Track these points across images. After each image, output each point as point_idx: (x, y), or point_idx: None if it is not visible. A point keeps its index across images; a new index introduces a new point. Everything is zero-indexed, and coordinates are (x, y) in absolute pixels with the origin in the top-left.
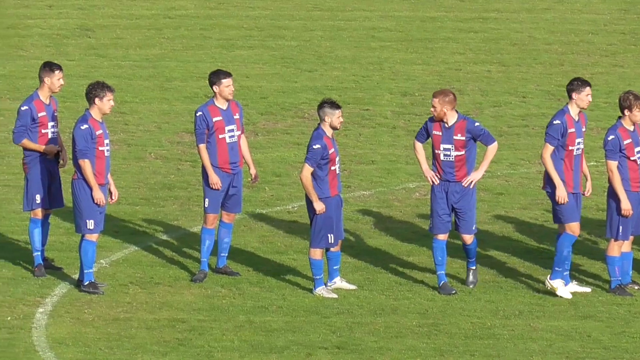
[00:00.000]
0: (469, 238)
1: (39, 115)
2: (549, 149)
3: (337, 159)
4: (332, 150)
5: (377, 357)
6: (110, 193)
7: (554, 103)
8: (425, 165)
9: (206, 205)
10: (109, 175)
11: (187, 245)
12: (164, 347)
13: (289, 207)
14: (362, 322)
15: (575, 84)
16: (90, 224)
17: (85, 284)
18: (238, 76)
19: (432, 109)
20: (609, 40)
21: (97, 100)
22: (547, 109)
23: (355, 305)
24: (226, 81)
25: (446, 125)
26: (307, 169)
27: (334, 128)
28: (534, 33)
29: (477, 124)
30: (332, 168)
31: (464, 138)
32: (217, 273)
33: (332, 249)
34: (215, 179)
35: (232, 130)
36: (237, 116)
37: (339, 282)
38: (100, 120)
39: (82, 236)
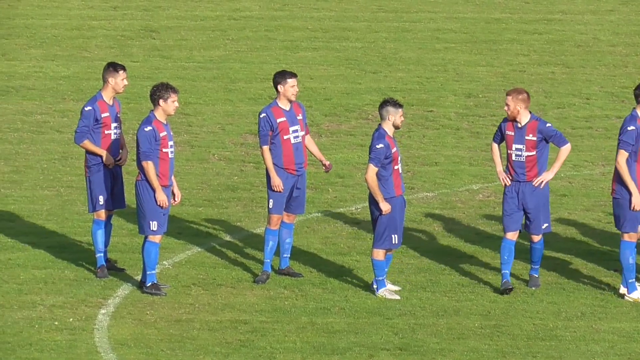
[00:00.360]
0: (536, 237)
1: (102, 116)
2: (624, 155)
3: (399, 158)
4: (395, 149)
5: (439, 358)
6: (174, 194)
7: (617, 105)
8: (499, 167)
9: (270, 206)
10: (172, 177)
11: (250, 247)
12: (226, 349)
13: (352, 208)
14: (425, 323)
15: None
16: (154, 225)
17: (148, 285)
18: (302, 77)
19: (505, 107)
20: None
21: (161, 101)
22: (610, 110)
23: (417, 307)
24: (292, 81)
25: (519, 125)
26: (372, 169)
27: (396, 127)
28: (598, 35)
29: (548, 124)
30: (395, 167)
31: (535, 138)
32: (280, 274)
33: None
34: (277, 181)
35: (297, 131)
36: (300, 117)
37: None
38: (165, 122)
39: (145, 237)
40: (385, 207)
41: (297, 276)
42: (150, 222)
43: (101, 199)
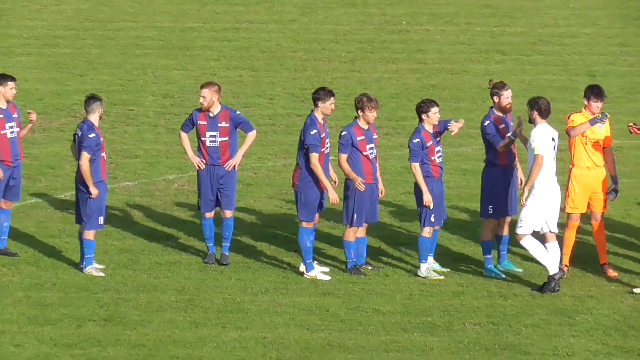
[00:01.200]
0: (229, 212)
1: None
2: (315, 156)
3: (105, 146)
4: (102, 139)
5: (139, 328)
6: None
7: (298, 104)
8: (190, 152)
9: None
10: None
11: None
12: None
13: (62, 195)
14: (127, 297)
15: (322, 94)
16: None
17: None
18: (18, 80)
19: (201, 99)
20: (348, 48)
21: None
22: (292, 109)
23: (120, 283)
24: (11, 84)
25: (211, 114)
26: (85, 157)
27: (100, 117)
28: (281, 42)
29: (238, 112)
30: (102, 154)
31: (227, 125)
32: None
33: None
34: None
35: (12, 127)
36: (15, 114)
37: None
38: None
39: None
40: (94, 191)
41: (14, 255)
42: None
43: None
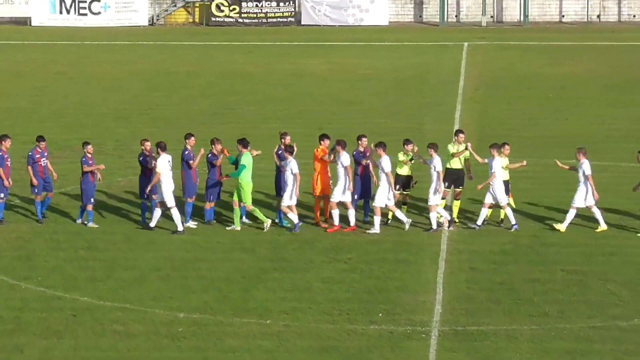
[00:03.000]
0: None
1: None
2: None
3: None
4: (92, 162)
5: (106, 252)
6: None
7: None
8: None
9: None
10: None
11: None
12: None
13: (69, 189)
14: (101, 238)
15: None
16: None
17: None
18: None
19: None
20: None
21: None
22: None
23: (98, 231)
24: (42, 144)
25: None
26: (84, 169)
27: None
28: None
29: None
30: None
31: None
32: None
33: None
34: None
35: (45, 160)
36: (46, 153)
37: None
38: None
39: None
40: (86, 185)
41: (46, 217)
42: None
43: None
